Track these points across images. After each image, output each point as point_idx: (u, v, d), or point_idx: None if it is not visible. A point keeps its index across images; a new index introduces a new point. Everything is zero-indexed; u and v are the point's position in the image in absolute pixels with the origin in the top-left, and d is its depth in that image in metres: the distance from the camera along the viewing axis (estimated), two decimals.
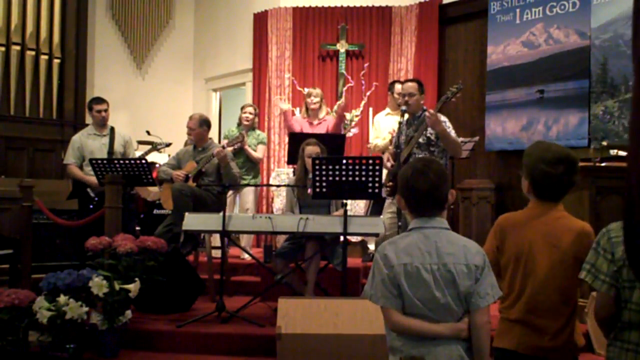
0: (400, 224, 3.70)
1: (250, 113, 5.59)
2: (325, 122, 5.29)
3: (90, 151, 4.95)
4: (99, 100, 5.08)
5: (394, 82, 5.62)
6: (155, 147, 5.23)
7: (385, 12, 6.85)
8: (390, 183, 4.04)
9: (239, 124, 5.69)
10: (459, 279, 1.82)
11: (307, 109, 5.39)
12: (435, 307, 1.83)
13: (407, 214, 3.80)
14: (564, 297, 2.03)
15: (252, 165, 5.59)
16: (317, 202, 4.12)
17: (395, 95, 5.26)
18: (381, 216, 4.01)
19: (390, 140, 5.18)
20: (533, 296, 2.01)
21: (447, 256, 1.84)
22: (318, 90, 5.40)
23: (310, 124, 5.32)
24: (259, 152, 5.61)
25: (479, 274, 1.85)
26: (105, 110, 5.05)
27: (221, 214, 3.81)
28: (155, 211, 5.66)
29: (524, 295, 2.02)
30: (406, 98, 4.02)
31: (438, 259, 1.84)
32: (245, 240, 5.67)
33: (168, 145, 5.40)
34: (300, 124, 5.37)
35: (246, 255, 5.21)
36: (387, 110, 5.42)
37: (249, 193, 5.59)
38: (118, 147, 5.08)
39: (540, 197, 2.10)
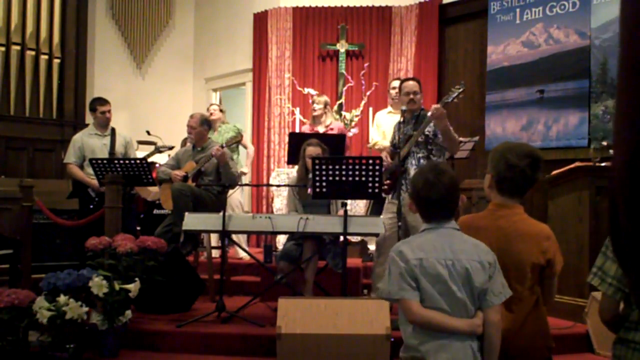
0: (400, 224, 3.70)
1: (214, 109, 5.75)
2: (333, 131, 5.27)
3: (92, 151, 4.94)
4: (103, 101, 5.07)
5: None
6: (158, 149, 5.25)
7: (385, 12, 6.86)
8: (388, 181, 4.04)
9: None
10: (474, 274, 1.87)
11: (312, 116, 5.45)
12: (451, 302, 1.87)
13: (407, 214, 3.84)
14: (519, 300, 2.02)
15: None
16: (317, 202, 4.11)
17: (391, 91, 5.27)
18: (381, 216, 4.01)
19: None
20: None
21: (461, 252, 1.89)
22: (322, 97, 5.40)
23: (316, 132, 5.26)
24: (246, 147, 5.81)
25: (492, 271, 1.90)
26: (109, 111, 5.05)
27: (221, 214, 3.81)
28: (155, 211, 5.66)
29: None
30: (411, 96, 4.03)
31: (452, 254, 1.89)
32: (243, 239, 5.66)
33: (171, 148, 5.42)
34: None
35: (243, 254, 5.18)
36: (389, 108, 5.42)
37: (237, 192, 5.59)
38: (119, 147, 5.08)
39: (502, 191, 2.10)
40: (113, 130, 5.12)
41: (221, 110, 5.87)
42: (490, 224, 2.08)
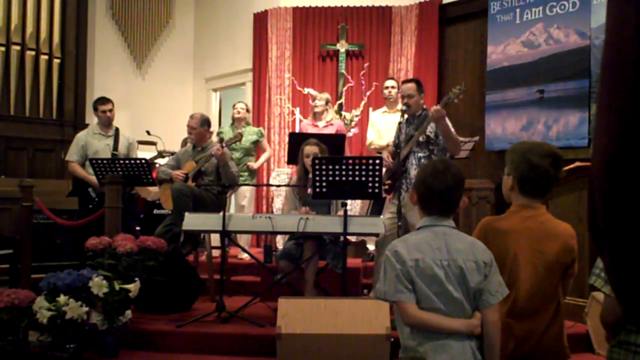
0: (400, 224, 3.70)
1: (242, 108, 5.63)
2: (332, 126, 5.31)
3: (95, 151, 4.95)
4: (104, 100, 5.08)
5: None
6: (160, 154, 5.26)
7: (385, 12, 6.85)
8: (389, 181, 4.04)
9: (232, 123, 5.71)
10: (468, 274, 1.86)
11: (313, 112, 5.47)
12: (448, 302, 1.86)
13: (407, 213, 3.84)
14: (546, 300, 2.04)
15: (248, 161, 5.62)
16: (317, 202, 4.12)
17: (384, 90, 5.30)
18: (381, 216, 4.01)
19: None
20: (516, 303, 2.02)
21: (456, 252, 1.88)
22: (324, 95, 5.49)
23: (316, 126, 5.35)
24: (264, 150, 5.66)
25: (488, 270, 1.89)
26: (110, 110, 5.05)
27: (221, 213, 3.81)
28: (155, 211, 5.66)
29: (507, 301, 2.01)
30: (405, 100, 4.02)
31: (448, 255, 1.88)
32: (243, 239, 5.67)
33: (173, 153, 5.43)
34: (305, 128, 5.46)
35: (245, 255, 5.21)
36: (384, 108, 5.43)
37: (245, 190, 5.60)
38: (122, 148, 5.08)
39: (524, 193, 2.08)
40: (117, 130, 5.12)
41: (247, 110, 5.78)
42: (517, 226, 2.06)
